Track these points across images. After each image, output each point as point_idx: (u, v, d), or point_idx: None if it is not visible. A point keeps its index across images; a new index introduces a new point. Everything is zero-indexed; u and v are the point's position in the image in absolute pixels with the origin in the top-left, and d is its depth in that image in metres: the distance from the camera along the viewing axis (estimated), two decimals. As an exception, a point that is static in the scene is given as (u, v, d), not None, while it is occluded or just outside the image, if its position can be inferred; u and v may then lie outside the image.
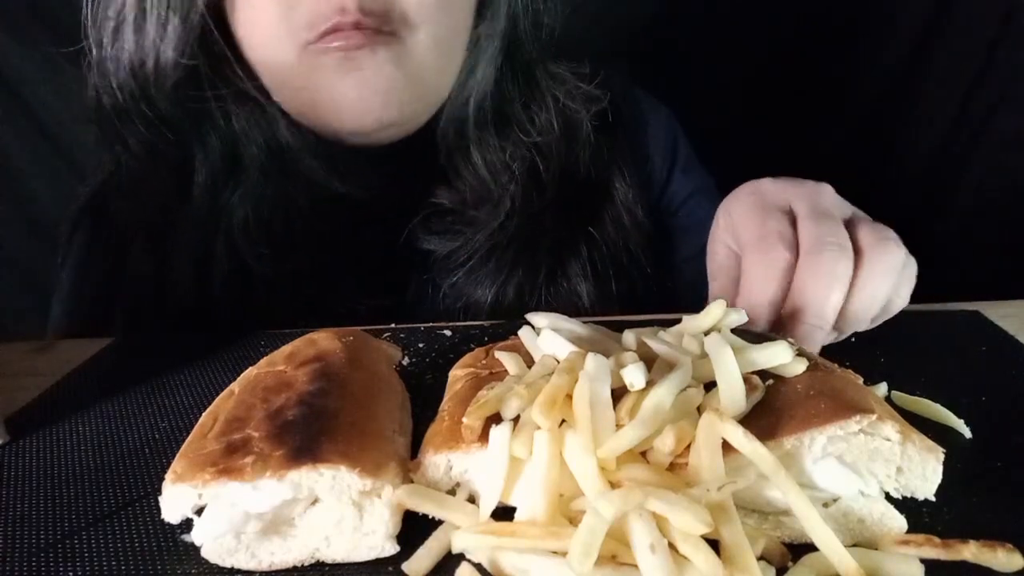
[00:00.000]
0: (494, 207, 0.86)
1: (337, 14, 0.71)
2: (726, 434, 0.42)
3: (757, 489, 0.44)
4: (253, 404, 0.49)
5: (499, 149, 0.87)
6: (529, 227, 0.86)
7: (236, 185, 0.83)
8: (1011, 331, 0.68)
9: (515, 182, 0.86)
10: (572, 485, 0.42)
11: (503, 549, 0.42)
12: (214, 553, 0.45)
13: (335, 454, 0.44)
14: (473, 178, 0.87)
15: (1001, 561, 0.39)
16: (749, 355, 0.48)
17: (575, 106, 0.90)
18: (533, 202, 0.87)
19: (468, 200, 0.87)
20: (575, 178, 0.90)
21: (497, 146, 0.87)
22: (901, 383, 0.57)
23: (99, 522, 0.50)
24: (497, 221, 0.86)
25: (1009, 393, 0.58)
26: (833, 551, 0.39)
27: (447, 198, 0.87)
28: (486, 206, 0.86)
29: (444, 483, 0.47)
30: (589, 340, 0.55)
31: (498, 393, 0.47)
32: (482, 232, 0.86)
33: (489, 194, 0.87)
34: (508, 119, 0.88)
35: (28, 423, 0.63)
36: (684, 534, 0.38)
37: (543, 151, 0.88)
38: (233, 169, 0.83)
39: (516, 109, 0.88)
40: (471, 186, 0.87)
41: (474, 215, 0.86)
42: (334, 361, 0.54)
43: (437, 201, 0.87)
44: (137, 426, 0.62)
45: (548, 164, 0.88)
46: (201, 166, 0.82)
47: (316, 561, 0.45)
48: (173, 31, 0.75)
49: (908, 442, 0.44)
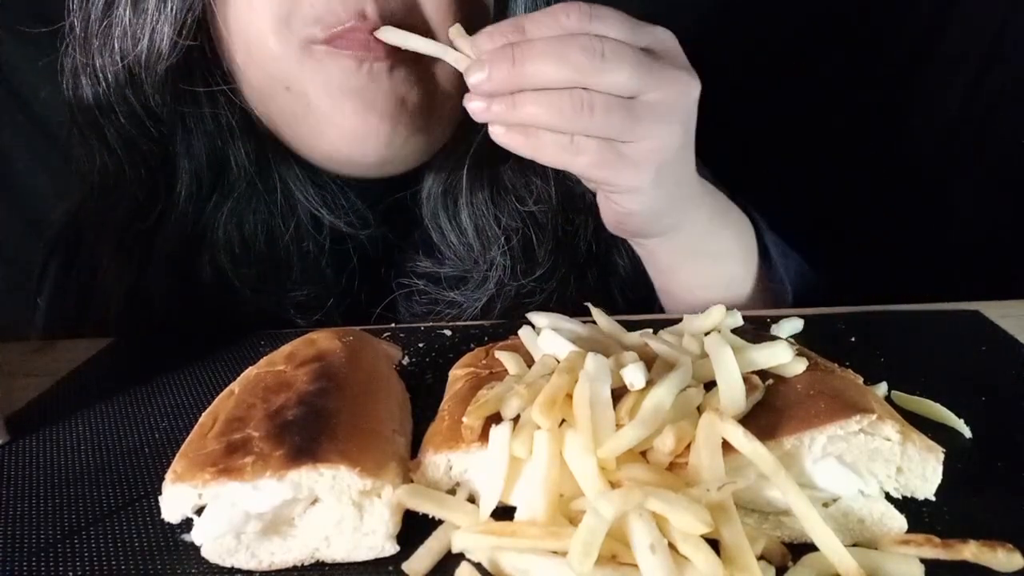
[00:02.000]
0: (476, 288, 0.80)
1: (354, 18, 0.65)
2: (726, 434, 0.42)
3: (757, 489, 0.44)
4: (253, 404, 0.49)
5: (492, 218, 0.80)
6: (516, 309, 0.79)
7: (222, 199, 0.77)
8: (1011, 331, 0.68)
9: (504, 255, 0.79)
10: (572, 485, 0.42)
11: (503, 549, 0.41)
12: (214, 553, 0.45)
13: (335, 454, 0.44)
14: (461, 245, 0.81)
15: (1001, 561, 0.39)
16: (749, 355, 0.48)
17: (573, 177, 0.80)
18: (521, 280, 0.80)
19: (451, 274, 0.81)
20: (574, 254, 0.83)
21: (491, 214, 0.80)
22: (901, 383, 0.57)
23: (99, 522, 0.50)
24: (479, 304, 0.79)
25: (1009, 393, 0.58)
26: (833, 551, 0.39)
27: (429, 268, 0.81)
28: (469, 284, 0.80)
29: (444, 483, 0.47)
30: (589, 340, 0.55)
31: (498, 393, 0.47)
32: (465, 316, 0.80)
33: (475, 268, 0.80)
34: (501, 181, 0.80)
35: (28, 423, 0.63)
36: (684, 534, 0.38)
37: (539, 222, 0.81)
38: (218, 180, 0.77)
39: (509, 172, 0.80)
40: (456, 255, 0.81)
41: (455, 297, 0.80)
42: (334, 361, 0.54)
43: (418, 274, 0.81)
44: (137, 426, 0.62)
45: (543, 237, 0.81)
46: (184, 173, 0.76)
47: (316, 561, 0.45)
48: (173, 5, 0.68)
49: (908, 442, 0.44)
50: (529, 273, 0.80)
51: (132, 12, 0.70)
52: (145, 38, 0.69)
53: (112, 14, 0.71)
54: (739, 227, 0.77)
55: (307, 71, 0.68)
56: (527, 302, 0.80)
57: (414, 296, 0.82)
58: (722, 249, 0.76)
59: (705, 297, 0.74)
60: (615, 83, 0.56)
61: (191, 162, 0.76)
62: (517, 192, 0.81)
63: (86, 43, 0.73)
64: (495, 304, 0.80)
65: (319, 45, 0.67)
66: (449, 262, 0.81)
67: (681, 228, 0.70)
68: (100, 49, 0.72)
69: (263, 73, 0.71)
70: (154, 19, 0.68)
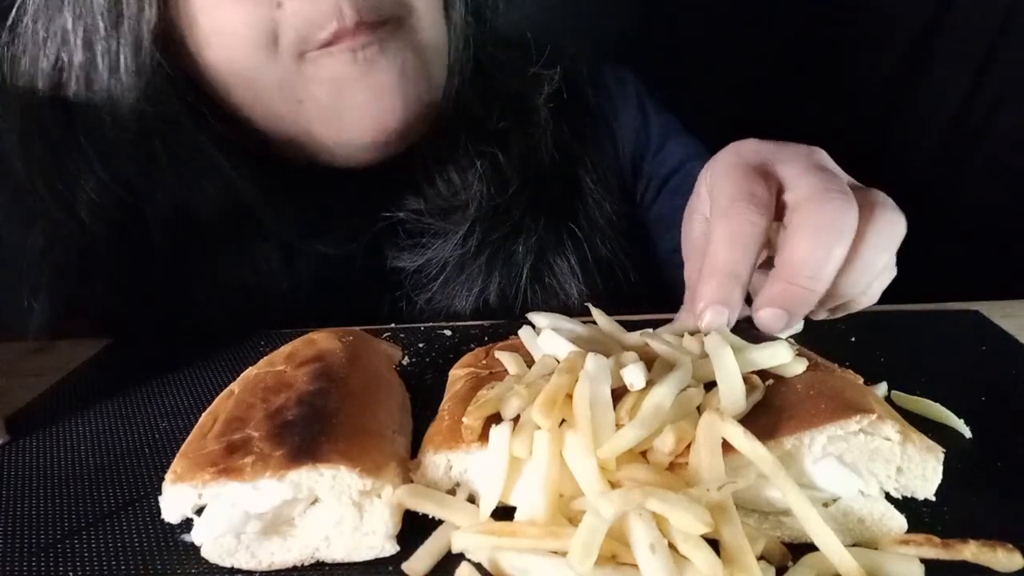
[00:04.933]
0: (459, 214, 0.82)
1: (333, 20, 0.65)
2: (726, 434, 0.42)
3: (757, 489, 0.44)
4: (253, 404, 0.49)
5: (470, 152, 0.82)
6: (498, 229, 0.82)
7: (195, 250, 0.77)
8: (1011, 331, 0.68)
9: (480, 180, 0.81)
10: (572, 485, 0.42)
11: (503, 549, 0.42)
12: (214, 553, 0.45)
13: (335, 454, 0.44)
14: (445, 186, 0.83)
15: (1001, 561, 0.39)
16: (749, 355, 0.48)
17: (527, 90, 0.85)
18: (496, 199, 0.82)
19: (436, 209, 0.83)
20: (539, 167, 0.85)
21: (471, 149, 0.82)
22: (901, 383, 0.57)
23: (99, 522, 0.50)
24: (463, 228, 0.81)
25: (1009, 393, 0.58)
26: (833, 551, 0.39)
27: (414, 206, 0.82)
28: (455, 215, 0.82)
29: (444, 483, 0.47)
30: (589, 340, 0.54)
31: (498, 393, 0.47)
32: (450, 241, 0.82)
33: (458, 199, 0.82)
34: (473, 118, 0.82)
35: (28, 423, 0.63)
36: (684, 534, 0.38)
37: (502, 141, 0.83)
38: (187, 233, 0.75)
39: (476, 105, 0.82)
40: (442, 193, 0.83)
41: (440, 225, 0.82)
42: (334, 361, 0.54)
43: (404, 211, 0.83)
44: (137, 426, 0.62)
45: (509, 154, 0.83)
46: (155, 230, 0.74)
47: (316, 561, 0.45)
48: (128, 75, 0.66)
49: (908, 442, 0.44)
50: (502, 191, 0.82)
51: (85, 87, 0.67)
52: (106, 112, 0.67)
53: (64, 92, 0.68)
54: None
55: (309, 80, 0.69)
56: (505, 218, 0.82)
57: (399, 231, 0.83)
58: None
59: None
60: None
61: (159, 219, 0.74)
62: (482, 121, 0.83)
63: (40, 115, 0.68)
64: (475, 227, 0.82)
65: (311, 52, 0.67)
66: (433, 197, 0.83)
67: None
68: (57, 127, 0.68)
69: (271, 100, 0.71)
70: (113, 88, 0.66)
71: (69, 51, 0.67)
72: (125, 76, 0.66)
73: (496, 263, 0.83)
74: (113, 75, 0.66)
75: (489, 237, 0.82)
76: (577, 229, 0.86)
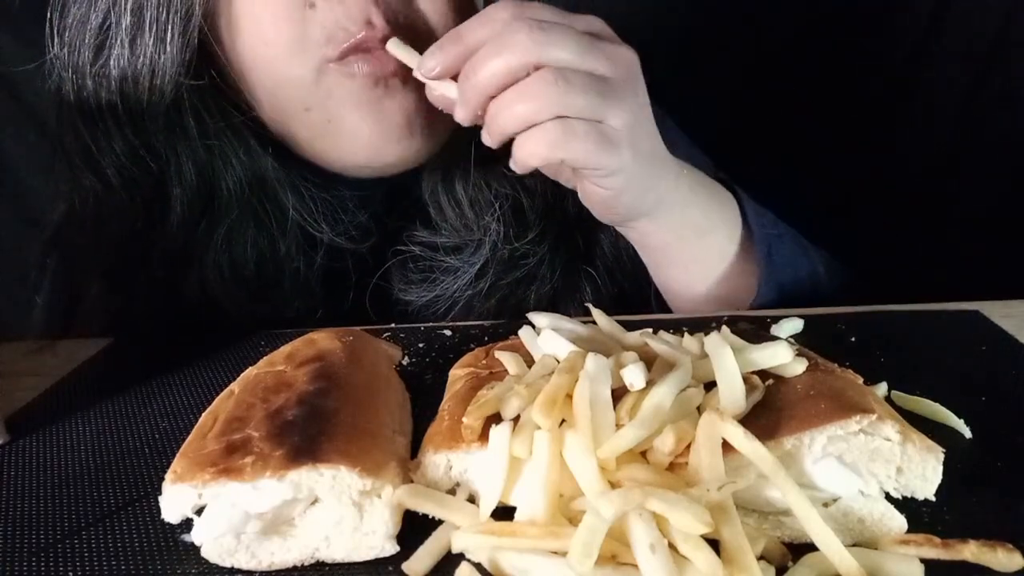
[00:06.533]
0: (472, 253, 0.81)
1: (363, 27, 0.67)
2: (726, 434, 0.42)
3: (757, 489, 0.44)
4: (253, 404, 0.49)
5: (485, 186, 0.82)
6: (511, 273, 0.82)
7: (213, 225, 0.77)
8: (1011, 331, 0.68)
9: (498, 221, 0.81)
10: (572, 485, 0.42)
11: (503, 549, 0.41)
12: (214, 553, 0.45)
13: (335, 454, 0.44)
14: (456, 217, 0.82)
15: (1001, 561, 0.39)
16: (749, 355, 0.48)
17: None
18: (514, 244, 0.81)
19: (447, 243, 0.82)
20: (564, 216, 0.84)
21: (483, 183, 0.82)
22: (901, 383, 0.57)
23: (99, 522, 0.50)
24: (475, 268, 0.81)
25: (1009, 393, 0.58)
26: (833, 551, 0.39)
27: (426, 238, 0.83)
28: (465, 251, 0.82)
29: (444, 483, 0.47)
30: (589, 340, 0.55)
31: (498, 393, 0.47)
32: (461, 279, 0.81)
33: (470, 236, 0.82)
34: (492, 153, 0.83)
35: (28, 423, 0.63)
36: (684, 534, 0.38)
37: (527, 187, 0.83)
38: (209, 206, 0.77)
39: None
40: (453, 226, 0.82)
41: (452, 263, 0.82)
42: (334, 361, 0.54)
43: (415, 242, 0.82)
44: (137, 426, 0.62)
45: (533, 201, 0.83)
46: (177, 202, 0.75)
47: (316, 561, 0.45)
48: (172, 46, 0.68)
49: (908, 442, 0.44)
50: (521, 236, 0.82)
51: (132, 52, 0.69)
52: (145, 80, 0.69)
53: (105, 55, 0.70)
54: (720, 197, 0.79)
55: (324, 92, 0.70)
56: (522, 264, 0.83)
57: (409, 264, 0.83)
58: (709, 221, 0.77)
59: (702, 273, 0.76)
60: (564, 58, 0.58)
61: (185, 190, 0.76)
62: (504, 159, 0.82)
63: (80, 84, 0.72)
64: (488, 269, 0.82)
65: (333, 63, 0.69)
66: (446, 232, 0.83)
67: (664, 202, 0.72)
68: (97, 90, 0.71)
69: (283, 98, 0.72)
70: (154, 59, 0.69)
71: (119, 12, 0.69)
72: (170, 47, 0.68)
73: (506, 308, 0.82)
74: (158, 44, 0.68)
75: (501, 280, 0.82)
76: (593, 271, 0.86)
